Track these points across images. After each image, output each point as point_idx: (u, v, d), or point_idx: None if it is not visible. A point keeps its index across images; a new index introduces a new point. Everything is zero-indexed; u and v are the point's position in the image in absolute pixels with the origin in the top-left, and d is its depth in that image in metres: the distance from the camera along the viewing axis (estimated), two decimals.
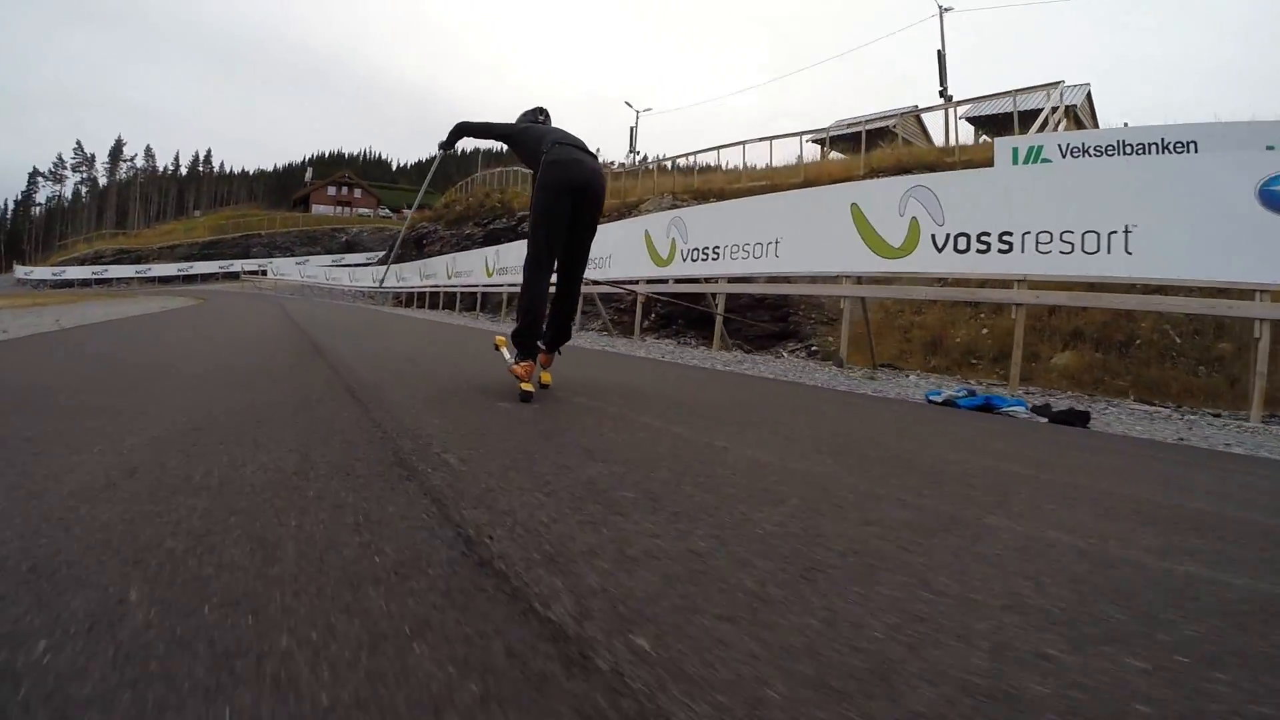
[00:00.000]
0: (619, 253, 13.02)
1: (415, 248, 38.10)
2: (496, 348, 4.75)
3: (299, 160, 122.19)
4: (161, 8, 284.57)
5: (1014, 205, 6.91)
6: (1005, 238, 6.84)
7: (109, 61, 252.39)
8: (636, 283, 12.26)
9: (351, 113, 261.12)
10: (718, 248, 10.62)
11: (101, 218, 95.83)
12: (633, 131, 42.09)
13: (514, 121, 4.64)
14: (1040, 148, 12.50)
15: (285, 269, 57.21)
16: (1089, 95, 21.67)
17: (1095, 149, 12.05)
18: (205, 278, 62.94)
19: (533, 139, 4.24)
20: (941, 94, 26.80)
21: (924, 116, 25.69)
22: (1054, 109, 17.27)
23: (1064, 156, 11.96)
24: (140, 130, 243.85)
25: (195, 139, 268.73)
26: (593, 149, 4.33)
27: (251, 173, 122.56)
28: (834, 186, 9.63)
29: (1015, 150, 12.66)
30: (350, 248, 64.78)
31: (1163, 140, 11.53)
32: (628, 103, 42.15)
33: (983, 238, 7.00)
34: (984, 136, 21.38)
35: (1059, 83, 18.23)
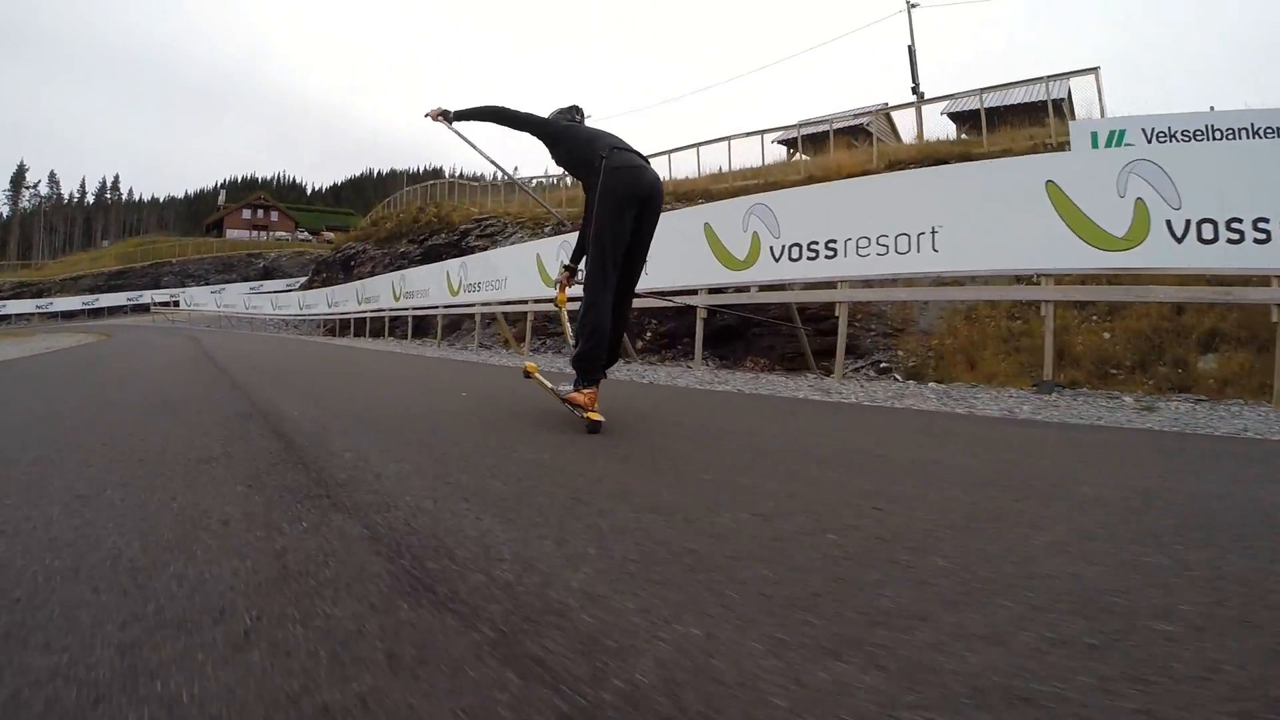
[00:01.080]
0: (660, 255, 10.49)
1: (342, 270, 35.52)
2: (527, 375, 4.35)
3: (211, 185, 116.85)
4: (64, 29, 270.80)
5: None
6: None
7: (6, 83, 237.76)
8: (695, 292, 9.96)
9: (264, 137, 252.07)
10: (831, 242, 8.16)
11: (4, 250, 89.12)
12: None
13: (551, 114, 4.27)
14: (1123, 131, 11.76)
15: (200, 298, 53.26)
16: (1069, 91, 20.63)
17: (1182, 133, 11.29)
18: (113, 311, 58.45)
19: (582, 141, 3.99)
20: (914, 90, 25.90)
21: (895, 114, 24.71)
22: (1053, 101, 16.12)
23: (1149, 141, 11.09)
24: (44, 156, 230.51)
25: (103, 165, 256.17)
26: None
27: (162, 200, 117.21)
28: (1022, 159, 7.79)
29: (1095, 134, 12.01)
30: (268, 274, 61.28)
31: (1253, 125, 10.77)
32: (577, 107, 39.33)
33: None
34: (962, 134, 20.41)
35: (1095, 68, 17.33)
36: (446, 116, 4.34)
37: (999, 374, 7.33)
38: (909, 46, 27.21)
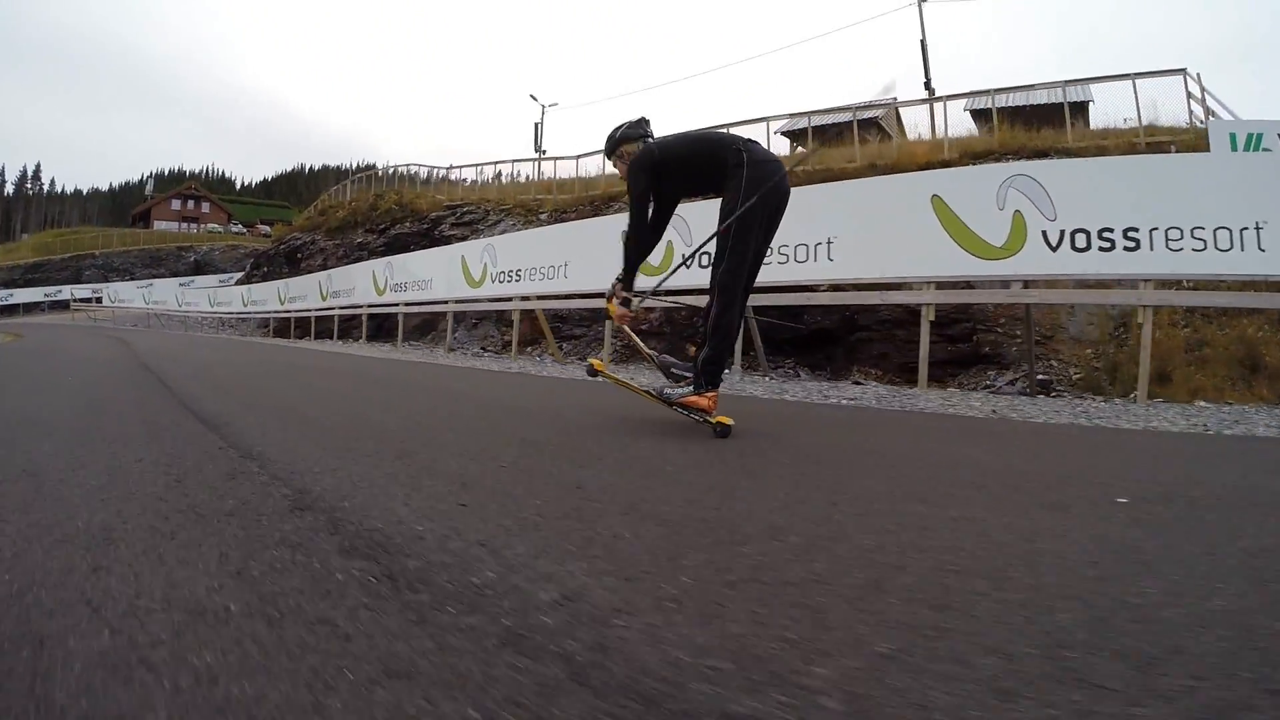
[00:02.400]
0: (846, 235, 8.23)
1: (287, 263, 32.02)
2: (594, 373, 3.72)
3: (138, 178, 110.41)
4: None
5: None
6: None
7: None
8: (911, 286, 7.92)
9: (192, 129, 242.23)
10: (1131, 230, 6.57)
11: None
12: (538, 129, 37.09)
13: (619, 139, 3.76)
14: (1260, 135, 10.79)
15: (127, 294, 48.43)
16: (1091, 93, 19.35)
17: None
18: (29, 308, 53.32)
19: (706, 149, 3.67)
20: (926, 85, 24.37)
21: (906, 110, 22.69)
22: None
23: None
24: None
25: (21, 154, 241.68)
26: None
27: (86, 192, 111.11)
28: None
29: (1233, 136, 10.94)
30: (200, 269, 56.90)
31: None
32: (533, 96, 36.59)
33: None
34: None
35: (1183, 69, 15.43)
36: (630, 294, 3.84)
37: (1203, 389, 6.68)
38: (921, 41, 26.07)
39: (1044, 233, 6.88)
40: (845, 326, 10.77)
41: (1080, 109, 18.97)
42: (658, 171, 3.59)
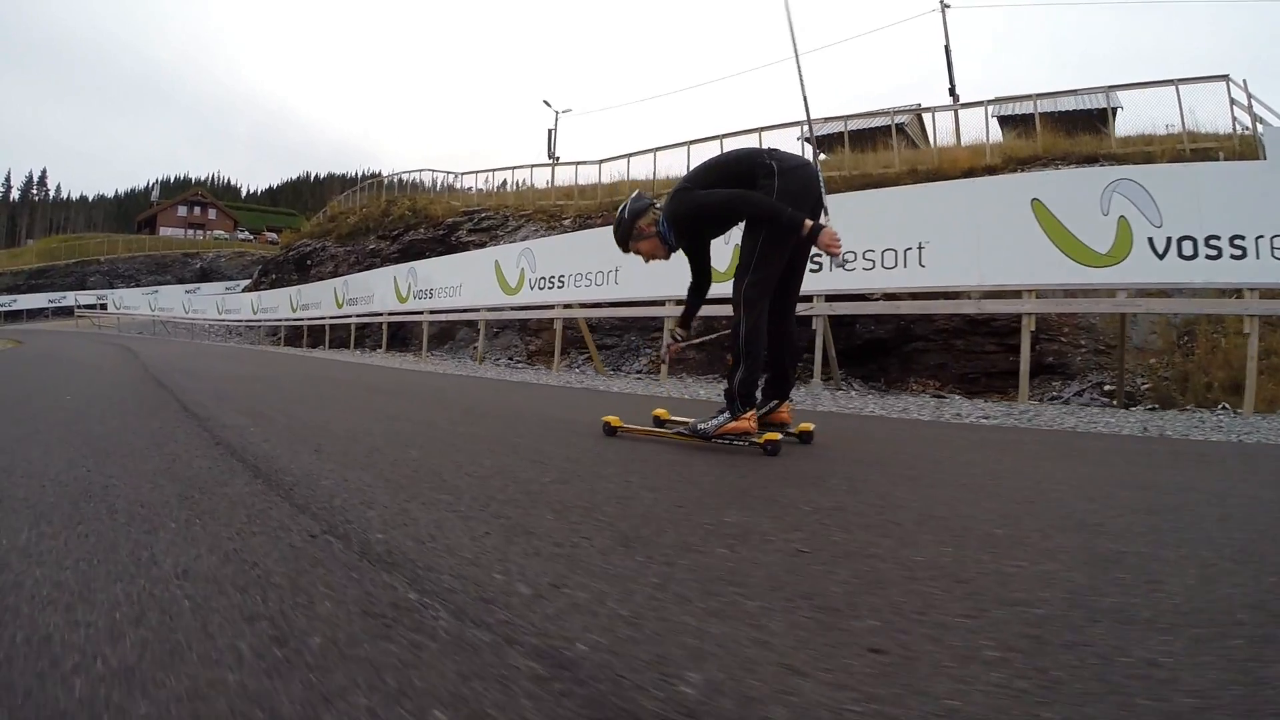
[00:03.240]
0: (941, 240, 7.79)
1: (297, 270, 31.16)
2: (612, 430, 3.60)
3: (144, 185, 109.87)
4: None
5: None
6: None
7: None
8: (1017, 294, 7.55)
9: (198, 136, 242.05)
10: (1237, 238, 6.27)
11: None
12: (551, 135, 36.30)
13: (630, 216, 3.60)
14: None
15: (132, 301, 47.44)
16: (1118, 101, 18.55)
17: None
18: (32, 314, 52.65)
19: (734, 172, 3.47)
20: (951, 92, 24.02)
21: (933, 116, 22.03)
22: None
23: None
24: None
25: (28, 160, 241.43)
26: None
27: (92, 198, 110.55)
28: None
29: None
30: (206, 275, 55.82)
31: None
32: (546, 102, 35.89)
33: None
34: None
35: (1225, 76, 14.67)
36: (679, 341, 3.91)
37: (1277, 399, 6.48)
38: (945, 46, 25.58)
39: (1150, 240, 6.54)
40: (900, 336, 10.22)
41: (1107, 116, 18.32)
42: (694, 224, 3.53)
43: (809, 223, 3.20)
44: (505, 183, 28.62)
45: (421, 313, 15.51)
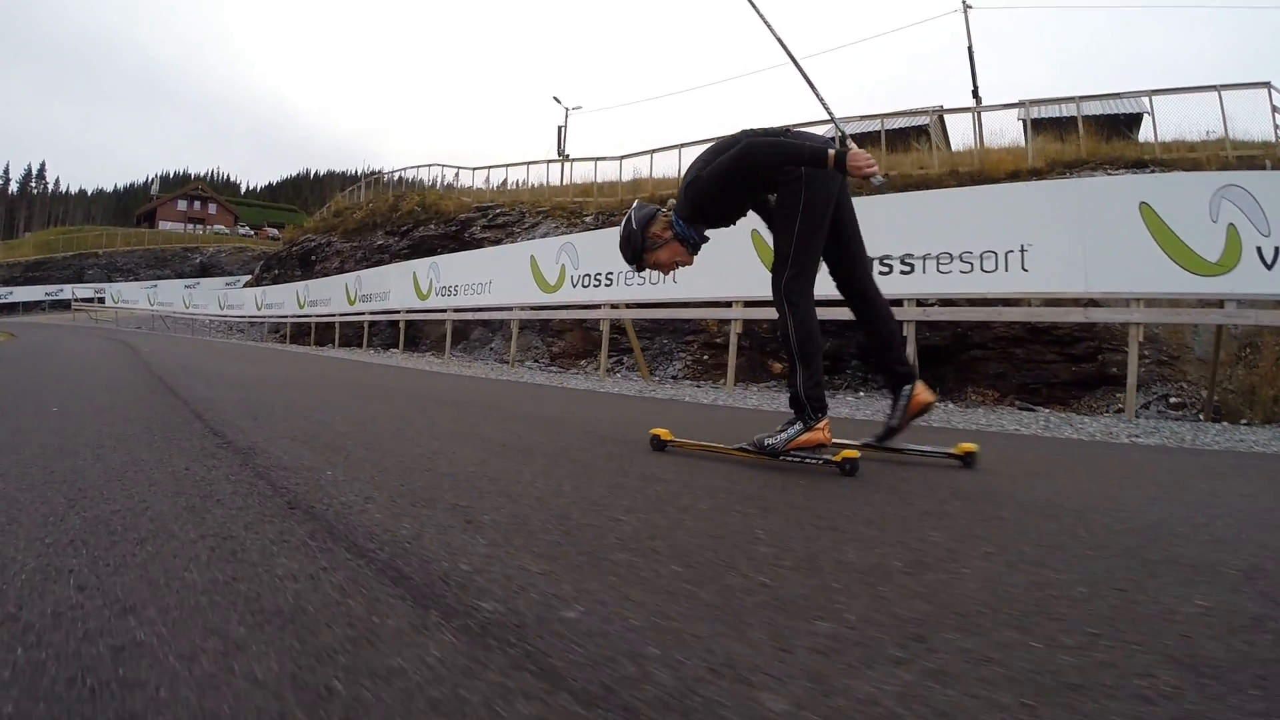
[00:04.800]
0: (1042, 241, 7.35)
1: (300, 266, 30.05)
2: (662, 444, 3.13)
3: (143, 180, 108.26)
4: None
5: None
6: None
7: None
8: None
9: (198, 132, 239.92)
10: None
11: None
12: (560, 131, 35.20)
13: (644, 222, 3.12)
14: None
15: (131, 295, 46.09)
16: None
17: None
18: (28, 307, 51.23)
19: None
20: (974, 94, 23.62)
21: (976, 116, 21.21)
22: None
23: None
24: None
25: (27, 152, 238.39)
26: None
27: (91, 192, 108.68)
28: None
29: None
30: (205, 270, 54.61)
31: None
32: (556, 98, 34.77)
33: None
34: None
35: (1267, 83, 14.18)
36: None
37: None
38: (968, 48, 25.00)
39: (1259, 249, 6.26)
40: (956, 344, 9.63)
41: (1132, 121, 17.89)
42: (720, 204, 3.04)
43: (832, 151, 2.71)
44: (506, 180, 27.56)
45: (445, 311, 14.33)
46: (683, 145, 18.99)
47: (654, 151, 20.08)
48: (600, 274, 10.09)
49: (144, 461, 2.41)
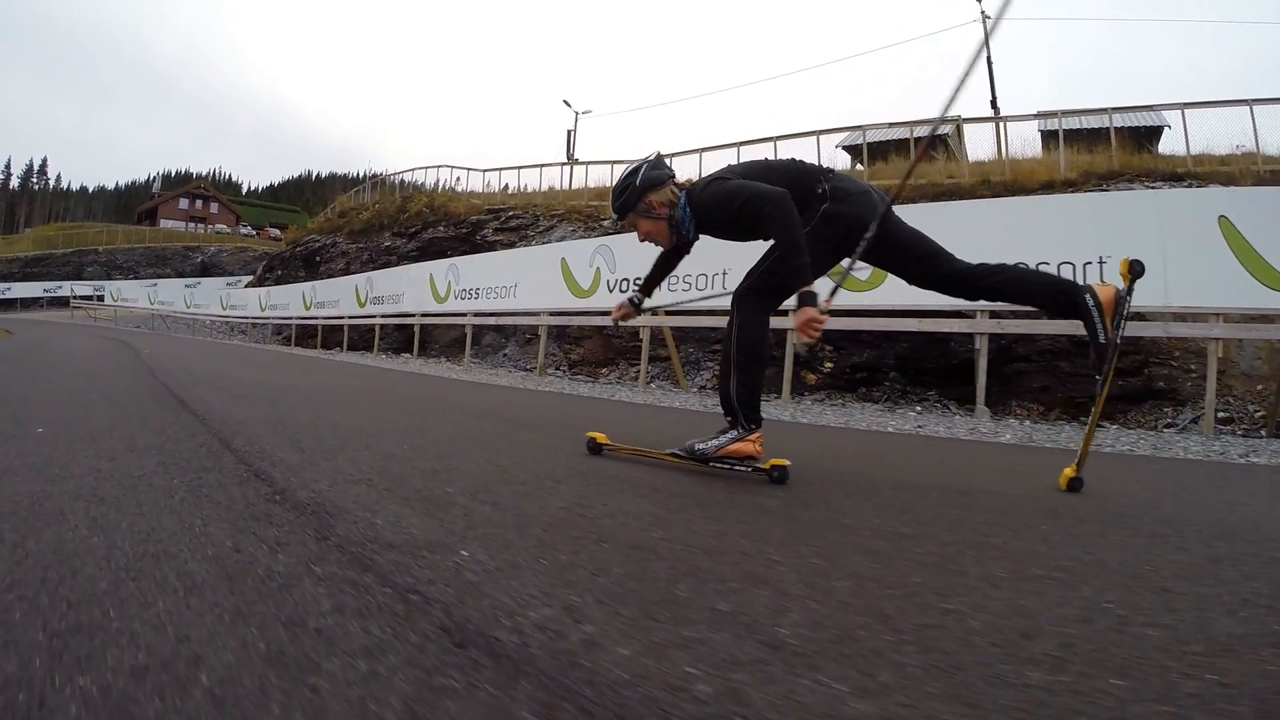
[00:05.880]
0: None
1: (304, 266, 29.23)
2: (596, 448, 3.06)
3: (145, 178, 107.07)
4: None
5: None
6: None
7: None
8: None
9: (200, 130, 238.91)
10: None
11: None
12: (570, 136, 34.43)
13: (642, 186, 2.89)
14: None
15: (131, 293, 44.94)
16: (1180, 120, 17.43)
17: None
18: (26, 303, 50.18)
19: (792, 175, 2.83)
20: (992, 104, 23.26)
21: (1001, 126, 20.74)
22: None
23: None
24: None
25: (29, 148, 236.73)
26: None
27: (92, 189, 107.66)
28: None
29: None
30: (206, 270, 53.51)
31: None
32: (566, 102, 34.07)
33: None
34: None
35: None
36: (636, 307, 3.48)
37: None
38: (987, 59, 24.34)
39: None
40: (1000, 356, 9.12)
41: (1152, 134, 17.47)
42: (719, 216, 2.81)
43: (804, 290, 2.52)
44: (508, 184, 26.65)
45: (465, 315, 13.42)
46: (703, 150, 18.19)
47: (673, 156, 19.26)
48: (641, 279, 9.28)
49: (166, 533, 1.55)
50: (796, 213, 2.55)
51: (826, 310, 2.49)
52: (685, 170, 19.01)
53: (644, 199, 2.87)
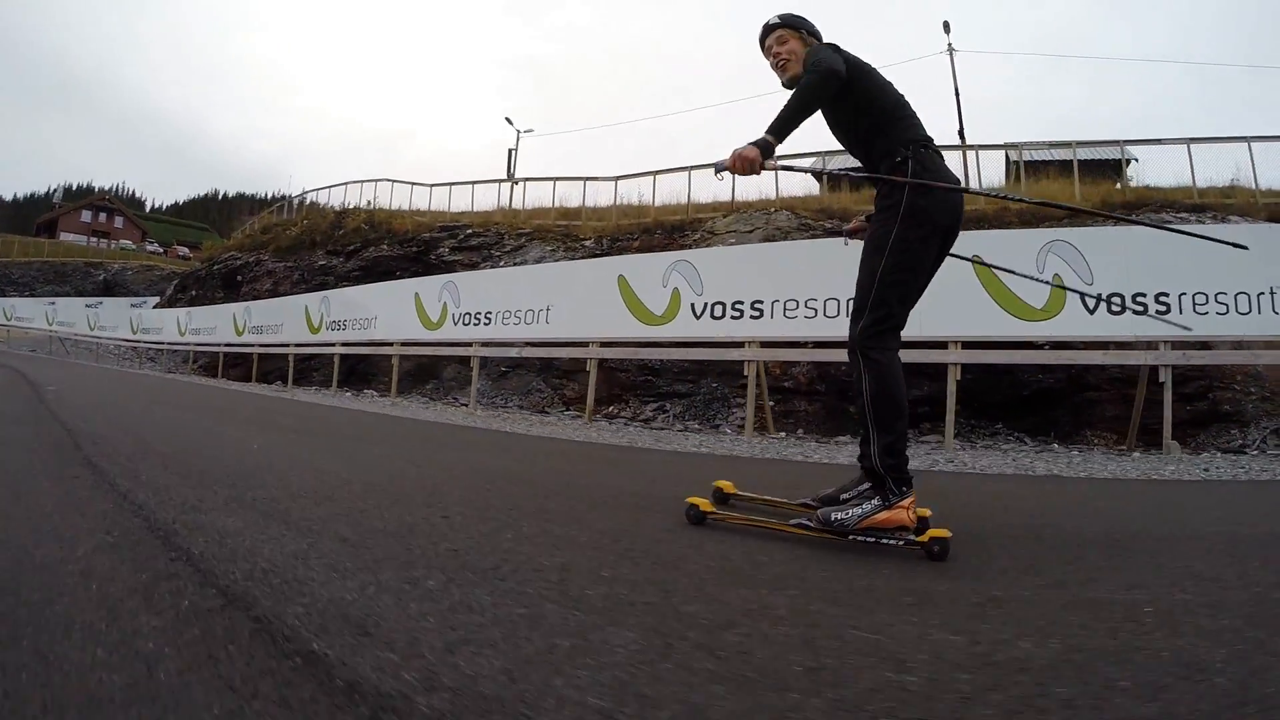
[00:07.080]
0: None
1: (224, 286, 26.64)
2: (701, 516, 2.55)
3: (45, 190, 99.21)
4: None
5: None
6: None
7: None
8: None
9: (104, 144, 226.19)
10: None
11: None
12: (511, 155, 32.55)
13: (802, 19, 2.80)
14: None
15: (26, 311, 40.63)
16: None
17: None
18: None
19: (891, 102, 2.62)
20: (960, 134, 22.50)
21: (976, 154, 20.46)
22: None
23: None
24: None
25: None
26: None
27: None
28: None
29: None
30: (109, 289, 48.99)
31: None
32: (508, 119, 32.30)
33: None
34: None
35: None
36: (767, 157, 2.40)
37: None
38: (954, 90, 24.77)
39: None
40: (1071, 386, 9.39)
41: (1115, 167, 17.98)
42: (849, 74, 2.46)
43: (767, 140, 2.37)
44: (444, 204, 24.60)
45: (470, 344, 11.26)
46: (692, 168, 16.74)
47: (658, 173, 17.74)
48: (742, 303, 7.83)
49: None
50: (828, 93, 2.42)
51: (764, 170, 2.37)
52: (666, 193, 17.57)
53: (796, 26, 2.74)
